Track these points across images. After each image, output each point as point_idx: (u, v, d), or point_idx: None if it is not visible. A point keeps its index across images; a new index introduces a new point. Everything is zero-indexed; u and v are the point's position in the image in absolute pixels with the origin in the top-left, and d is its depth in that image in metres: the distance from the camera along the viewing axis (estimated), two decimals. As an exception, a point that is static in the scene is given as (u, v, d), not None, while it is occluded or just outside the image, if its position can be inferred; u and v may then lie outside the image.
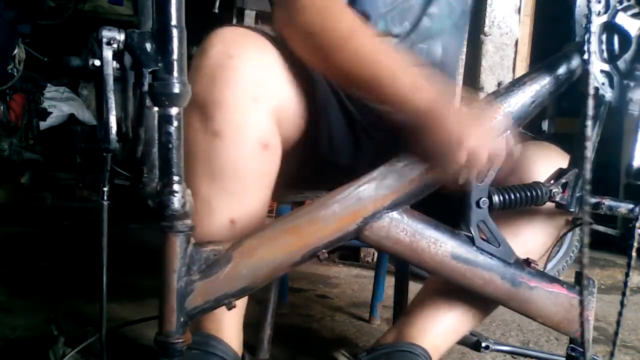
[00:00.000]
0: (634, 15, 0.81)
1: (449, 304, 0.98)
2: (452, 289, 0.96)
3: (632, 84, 0.81)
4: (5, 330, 1.28)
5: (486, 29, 2.94)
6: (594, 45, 0.80)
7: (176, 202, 0.69)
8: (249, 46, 0.87)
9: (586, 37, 0.78)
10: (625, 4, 0.81)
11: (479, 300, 0.95)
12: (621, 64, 0.82)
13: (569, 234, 2.62)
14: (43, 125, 3.99)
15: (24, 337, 1.26)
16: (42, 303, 1.52)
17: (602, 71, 0.82)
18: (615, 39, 0.82)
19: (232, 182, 0.86)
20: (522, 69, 2.88)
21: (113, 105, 0.66)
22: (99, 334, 0.76)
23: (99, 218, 0.71)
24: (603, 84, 0.81)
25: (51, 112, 4.06)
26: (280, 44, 0.92)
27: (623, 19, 0.81)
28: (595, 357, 0.89)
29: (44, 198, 3.40)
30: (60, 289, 1.70)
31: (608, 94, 0.82)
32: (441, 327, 0.98)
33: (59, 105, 4.31)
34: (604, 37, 0.82)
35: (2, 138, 3.37)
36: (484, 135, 0.79)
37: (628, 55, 0.81)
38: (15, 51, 3.26)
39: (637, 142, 0.82)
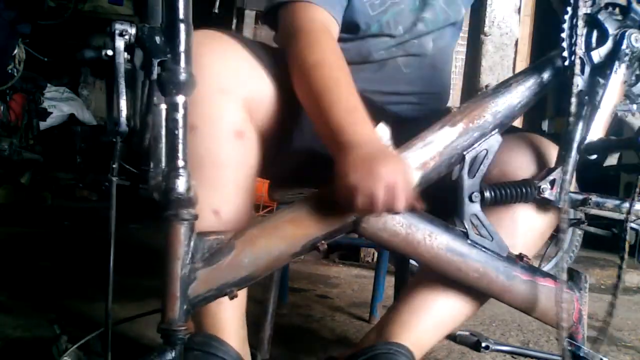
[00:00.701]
0: (616, 20, 0.87)
1: (433, 298, 0.96)
2: (436, 284, 0.95)
3: (601, 80, 0.86)
4: (5, 330, 1.28)
5: (486, 29, 2.95)
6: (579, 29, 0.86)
7: (181, 185, 0.72)
8: (216, 45, 0.91)
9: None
10: (610, 9, 0.87)
11: (465, 294, 0.94)
12: (595, 55, 0.87)
13: (569, 234, 2.63)
14: (43, 125, 3.99)
15: (24, 337, 1.26)
16: (42, 303, 1.52)
17: (574, 55, 0.86)
18: (594, 34, 0.88)
19: (212, 173, 0.88)
20: (522, 68, 2.88)
21: (124, 90, 0.69)
22: (100, 330, 0.76)
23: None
24: (574, 64, 0.86)
25: (51, 112, 4.06)
26: (253, 43, 0.98)
27: (605, 17, 0.87)
28: (590, 351, 0.89)
29: (44, 198, 3.40)
30: (60, 289, 1.70)
31: (578, 78, 0.87)
32: (424, 322, 0.96)
33: (59, 105, 4.31)
34: (584, 29, 0.87)
35: (2, 138, 3.37)
36: (376, 184, 0.74)
37: (602, 50, 0.87)
38: (15, 51, 3.26)
39: (595, 119, 0.86)
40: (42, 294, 1.61)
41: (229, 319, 0.92)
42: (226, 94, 0.88)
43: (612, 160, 2.63)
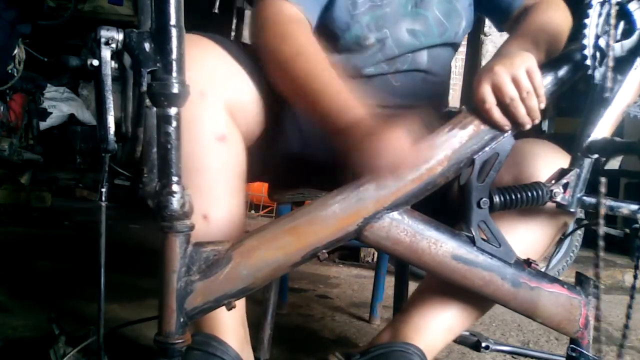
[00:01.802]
0: None
1: (445, 302, 0.97)
2: (448, 288, 0.95)
3: (619, 77, 0.81)
4: (5, 330, 1.28)
5: (486, 29, 2.94)
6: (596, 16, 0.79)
7: (175, 202, 0.69)
8: (195, 49, 0.89)
9: None
10: None
11: (475, 299, 0.95)
12: (617, 47, 0.81)
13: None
14: (43, 125, 3.99)
15: (24, 337, 1.26)
16: (42, 303, 1.52)
17: (597, 45, 0.80)
18: (620, 26, 0.81)
19: (197, 177, 0.87)
20: (522, 69, 2.87)
21: (111, 105, 0.65)
22: (93, 338, 0.76)
23: (98, 219, 0.71)
24: (593, 55, 0.80)
25: (51, 112, 4.06)
26: (236, 46, 0.97)
27: (635, 8, 0.80)
28: (595, 357, 0.88)
29: (44, 198, 3.40)
30: (60, 289, 1.70)
31: (596, 70, 0.81)
32: (436, 325, 0.97)
33: (59, 105, 4.32)
34: (613, 16, 0.79)
35: (2, 138, 3.37)
36: (400, 137, 0.77)
37: (626, 44, 0.81)
38: (15, 51, 3.25)
39: (603, 116, 0.82)
40: (41, 294, 1.61)
41: (228, 319, 0.92)
42: (207, 97, 0.87)
43: (614, 163, 2.57)
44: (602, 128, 0.82)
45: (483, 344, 1.43)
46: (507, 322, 1.76)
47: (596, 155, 0.82)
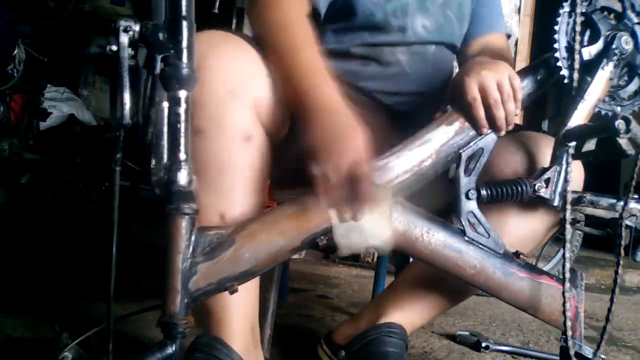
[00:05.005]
0: (609, 23, 0.91)
1: (428, 285, 1.06)
2: (432, 272, 1.02)
3: (589, 79, 0.89)
4: (5, 329, 1.28)
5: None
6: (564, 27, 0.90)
7: (183, 178, 0.72)
8: (221, 46, 0.89)
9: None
10: (605, 13, 0.91)
11: (454, 284, 1.02)
12: (585, 52, 0.90)
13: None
14: (43, 125, 4.00)
15: (24, 336, 1.26)
16: (42, 303, 1.52)
17: (567, 48, 0.90)
18: (587, 33, 0.91)
19: (218, 176, 0.87)
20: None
21: (128, 84, 0.69)
22: (101, 327, 0.76)
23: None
24: (564, 58, 0.90)
25: (51, 113, 4.06)
26: (256, 45, 0.96)
27: (599, 18, 0.90)
28: (586, 347, 0.89)
29: (44, 198, 3.40)
30: (60, 289, 1.70)
31: (564, 70, 0.90)
32: (417, 305, 1.09)
33: (59, 105, 4.32)
34: (578, 23, 0.89)
35: (2, 138, 3.37)
36: (338, 156, 0.78)
37: (593, 49, 0.90)
38: (15, 51, 3.26)
39: (577, 109, 0.90)
40: (42, 294, 1.61)
41: (236, 324, 0.91)
42: (235, 95, 0.86)
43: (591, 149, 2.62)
44: (577, 118, 0.90)
45: (483, 344, 1.43)
46: (507, 322, 1.76)
47: (573, 143, 0.90)
